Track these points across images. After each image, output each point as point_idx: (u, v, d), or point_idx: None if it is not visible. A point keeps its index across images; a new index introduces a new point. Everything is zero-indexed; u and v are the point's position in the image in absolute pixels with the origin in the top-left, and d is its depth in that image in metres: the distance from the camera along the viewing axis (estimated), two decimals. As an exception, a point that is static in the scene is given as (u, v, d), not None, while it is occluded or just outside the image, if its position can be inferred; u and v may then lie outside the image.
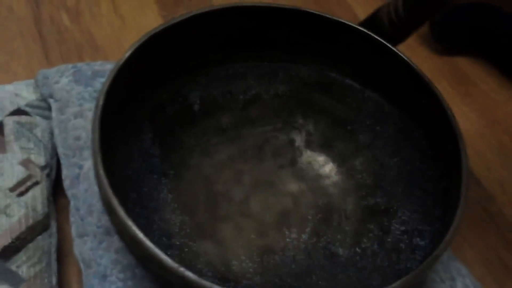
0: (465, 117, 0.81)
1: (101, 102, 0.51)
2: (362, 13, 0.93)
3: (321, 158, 0.69)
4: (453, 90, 0.85)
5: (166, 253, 0.44)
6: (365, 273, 0.59)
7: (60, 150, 0.64)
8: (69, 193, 0.62)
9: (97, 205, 0.61)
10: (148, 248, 0.45)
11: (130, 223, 0.45)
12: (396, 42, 0.63)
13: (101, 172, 0.48)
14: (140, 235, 0.45)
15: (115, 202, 0.46)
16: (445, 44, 0.90)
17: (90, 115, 0.66)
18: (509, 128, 0.81)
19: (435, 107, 0.58)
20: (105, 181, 0.47)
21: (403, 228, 0.60)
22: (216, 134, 0.68)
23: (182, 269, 0.44)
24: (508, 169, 0.76)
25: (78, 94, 0.68)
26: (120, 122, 0.58)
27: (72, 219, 0.60)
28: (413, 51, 0.90)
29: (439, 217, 0.56)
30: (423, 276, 0.48)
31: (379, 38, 0.62)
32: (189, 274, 0.44)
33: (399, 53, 0.61)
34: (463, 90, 0.85)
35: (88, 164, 0.63)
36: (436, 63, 0.88)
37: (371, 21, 0.64)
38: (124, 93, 0.56)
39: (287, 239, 0.62)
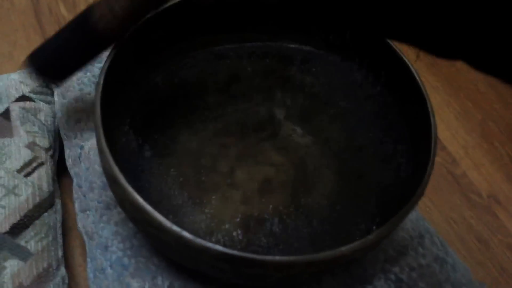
0: (431, 86, 0.82)
1: (101, 81, 0.53)
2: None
3: (299, 130, 0.69)
4: (420, 61, 0.85)
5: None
6: (340, 231, 0.61)
7: (63, 132, 0.65)
8: (71, 172, 0.63)
9: (98, 182, 0.62)
10: (148, 212, 0.46)
11: (130, 189, 0.47)
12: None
13: (104, 145, 0.49)
14: (140, 200, 0.46)
15: (116, 171, 0.48)
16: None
17: (89, 99, 0.67)
18: (472, 94, 0.82)
19: (405, 76, 0.59)
20: (107, 152, 0.49)
21: (375, 189, 0.62)
22: (202, 112, 0.69)
23: (178, 229, 0.45)
24: (471, 134, 0.77)
25: (78, 79, 0.69)
26: (117, 104, 0.59)
27: (75, 195, 0.61)
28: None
29: (409, 177, 0.58)
30: (392, 230, 0.49)
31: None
32: (185, 233, 0.45)
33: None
34: (429, 61, 0.86)
35: (88, 144, 0.64)
36: (404, 36, 0.89)
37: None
38: (120, 76, 0.57)
39: (270, 206, 0.64)
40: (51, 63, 0.59)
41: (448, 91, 0.82)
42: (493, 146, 0.76)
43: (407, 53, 0.56)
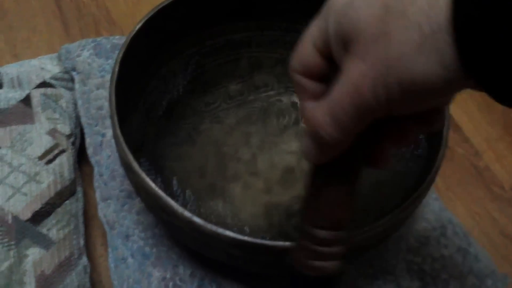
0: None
1: (116, 69, 0.52)
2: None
3: (321, 119, 0.69)
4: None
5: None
6: (362, 219, 0.60)
7: (84, 120, 0.65)
8: (92, 160, 0.63)
9: (119, 170, 0.62)
10: (160, 198, 0.46)
11: (143, 176, 0.47)
12: None
13: (118, 132, 0.49)
14: (153, 186, 0.46)
15: (130, 158, 0.48)
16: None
17: (111, 86, 0.67)
18: (495, 86, 0.81)
19: None
20: (121, 140, 0.48)
21: (395, 179, 0.61)
22: (224, 100, 0.69)
23: (189, 214, 0.45)
24: (494, 126, 0.76)
25: (99, 66, 0.68)
26: (135, 92, 0.59)
27: (96, 184, 0.61)
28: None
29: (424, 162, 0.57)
30: (407, 214, 0.49)
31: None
32: (196, 219, 0.45)
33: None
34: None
35: (110, 132, 0.64)
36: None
37: None
38: (137, 64, 0.57)
39: (292, 195, 0.63)
40: None
41: (470, 82, 0.81)
42: (516, 138, 0.76)
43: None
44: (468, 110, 0.78)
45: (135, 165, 0.47)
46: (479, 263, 0.61)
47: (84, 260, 0.58)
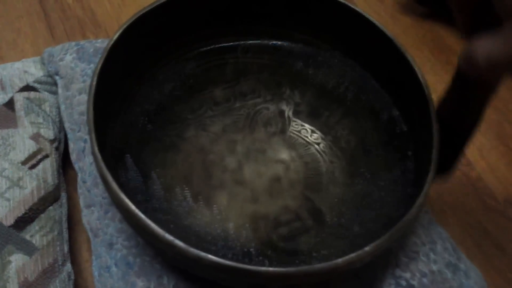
0: (446, 85, 0.83)
1: (94, 82, 0.53)
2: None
3: (308, 127, 0.70)
4: (434, 59, 0.86)
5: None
6: (352, 232, 0.61)
7: (67, 125, 0.66)
8: (76, 166, 0.64)
9: (102, 177, 0.63)
10: (140, 219, 0.47)
11: (122, 197, 0.48)
12: None
13: (96, 149, 0.50)
14: (132, 207, 0.47)
15: (109, 177, 0.49)
16: (425, 4, 0.91)
17: (93, 91, 0.68)
18: (487, 94, 0.82)
19: (408, 73, 0.59)
20: (99, 157, 0.50)
21: (383, 193, 0.62)
22: (209, 107, 0.70)
23: (170, 237, 0.46)
24: (487, 136, 0.77)
25: (82, 71, 0.70)
26: (117, 98, 0.60)
27: (79, 190, 0.63)
28: (396, 20, 0.90)
29: (414, 180, 0.58)
30: (400, 235, 0.50)
31: (356, 9, 0.63)
32: (178, 242, 0.46)
33: (374, 22, 0.62)
34: (444, 58, 0.86)
35: (92, 138, 0.65)
36: (418, 32, 0.89)
37: None
38: (118, 71, 0.58)
39: (280, 205, 0.65)
40: None
41: (462, 91, 0.82)
42: (509, 148, 0.77)
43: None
44: (460, 120, 0.79)
45: (114, 185, 0.48)
46: (470, 279, 0.61)
47: (68, 267, 0.59)
